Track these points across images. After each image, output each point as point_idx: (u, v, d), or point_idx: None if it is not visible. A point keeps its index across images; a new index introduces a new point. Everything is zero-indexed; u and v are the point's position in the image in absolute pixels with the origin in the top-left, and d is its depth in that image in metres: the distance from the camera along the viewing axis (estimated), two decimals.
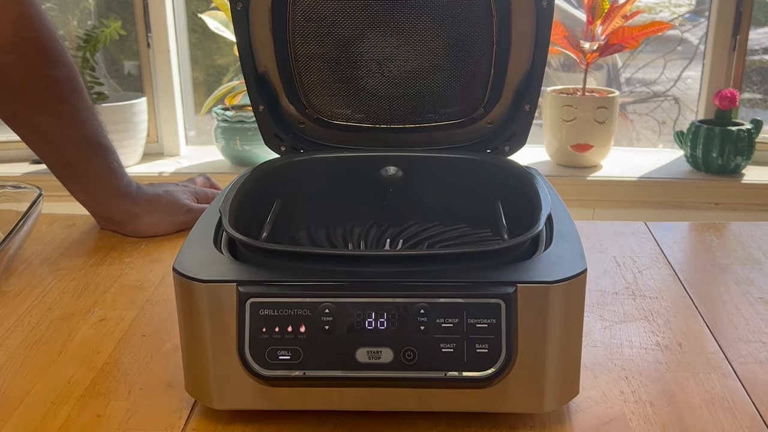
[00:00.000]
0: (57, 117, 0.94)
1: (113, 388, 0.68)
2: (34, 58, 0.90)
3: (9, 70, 0.89)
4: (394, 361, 0.57)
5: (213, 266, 0.60)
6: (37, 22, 0.89)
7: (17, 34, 0.88)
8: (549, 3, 0.78)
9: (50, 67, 0.91)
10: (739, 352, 0.74)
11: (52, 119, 0.94)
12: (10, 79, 0.90)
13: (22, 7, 0.88)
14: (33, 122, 0.94)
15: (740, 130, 1.96)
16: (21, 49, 0.88)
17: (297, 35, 0.81)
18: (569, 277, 0.58)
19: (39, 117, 0.93)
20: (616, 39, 1.96)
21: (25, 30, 0.88)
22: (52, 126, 0.94)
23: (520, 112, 0.85)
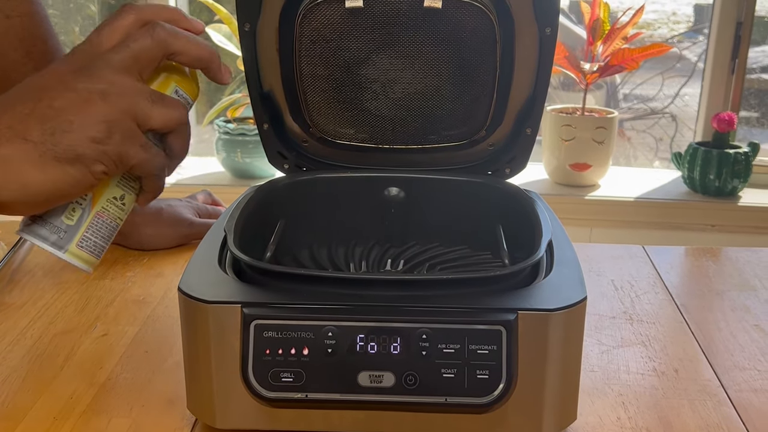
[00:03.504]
0: None
1: (115, 404, 0.68)
2: (40, 56, 0.91)
3: (17, 67, 0.90)
4: (396, 385, 0.57)
5: (218, 287, 0.61)
6: (45, 22, 0.91)
7: (26, 31, 0.89)
8: (552, 30, 0.80)
9: None
10: (734, 380, 0.74)
11: None
12: (17, 75, 0.90)
13: (32, 5, 0.89)
14: None
15: (737, 152, 1.98)
16: (28, 46, 0.89)
17: (303, 56, 0.82)
18: (569, 305, 0.59)
19: None
20: (616, 60, 1.98)
21: (34, 27, 0.90)
22: None
23: (522, 136, 0.86)
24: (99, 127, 0.51)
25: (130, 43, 0.54)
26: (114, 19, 0.56)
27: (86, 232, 0.53)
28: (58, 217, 0.53)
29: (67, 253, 0.52)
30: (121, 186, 0.55)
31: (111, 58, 0.53)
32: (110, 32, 0.55)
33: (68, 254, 0.52)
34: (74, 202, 0.53)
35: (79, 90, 0.51)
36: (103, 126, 0.51)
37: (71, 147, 0.50)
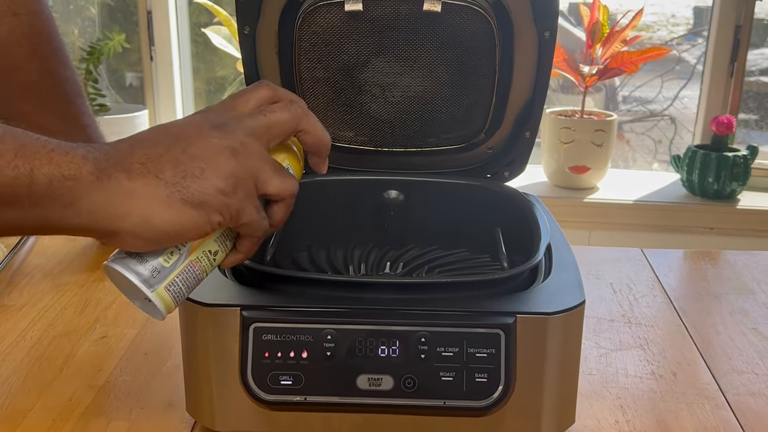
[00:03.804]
0: (64, 118, 0.95)
1: (114, 406, 0.68)
2: (46, 53, 0.92)
3: (22, 65, 0.90)
4: (395, 388, 0.58)
5: (217, 290, 0.61)
6: (50, 20, 0.92)
7: (32, 28, 0.90)
8: (551, 33, 0.80)
9: (60, 66, 0.93)
10: (732, 383, 0.75)
11: (59, 120, 0.95)
12: (22, 75, 0.91)
13: (39, 4, 0.90)
14: (42, 124, 0.95)
15: (736, 156, 1.98)
16: (34, 44, 0.90)
17: (303, 59, 0.83)
18: (568, 309, 0.59)
19: (48, 118, 0.94)
20: (616, 63, 1.98)
21: (40, 25, 0.90)
22: (59, 128, 0.95)
23: (521, 139, 0.86)
24: (227, 181, 0.53)
25: (267, 112, 0.57)
26: (250, 90, 0.59)
27: (177, 277, 0.54)
28: (156, 258, 0.53)
29: (155, 292, 0.53)
30: (218, 242, 0.56)
31: (246, 122, 0.56)
32: (245, 100, 0.58)
33: (155, 294, 0.53)
34: (174, 247, 0.54)
35: (213, 142, 0.54)
36: (231, 180, 0.53)
37: (199, 192, 0.52)
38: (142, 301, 0.55)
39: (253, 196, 0.55)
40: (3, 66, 0.90)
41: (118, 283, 0.55)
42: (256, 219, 0.55)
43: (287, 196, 0.57)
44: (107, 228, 0.50)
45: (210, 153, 0.53)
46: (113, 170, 0.50)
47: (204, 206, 0.52)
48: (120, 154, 0.51)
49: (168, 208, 0.51)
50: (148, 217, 0.50)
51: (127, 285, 0.54)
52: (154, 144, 0.53)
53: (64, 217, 0.49)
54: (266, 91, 0.59)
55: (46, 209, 0.49)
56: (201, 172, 0.52)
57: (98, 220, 0.50)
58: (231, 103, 0.58)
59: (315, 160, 0.63)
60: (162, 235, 0.51)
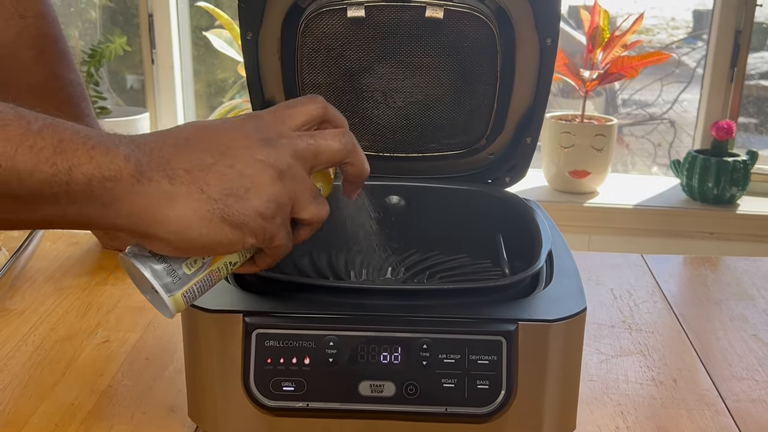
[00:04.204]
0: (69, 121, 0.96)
1: (116, 411, 0.69)
2: (52, 55, 0.92)
3: (29, 67, 0.91)
4: (396, 395, 0.58)
5: (220, 296, 0.61)
6: (56, 23, 0.93)
7: (39, 30, 0.90)
8: (553, 40, 0.80)
9: (65, 68, 0.94)
10: (732, 390, 0.75)
11: None
12: (29, 76, 0.92)
13: (45, 6, 0.91)
14: None
15: (736, 161, 1.99)
16: (41, 45, 0.91)
17: (305, 65, 0.83)
18: (569, 316, 0.59)
19: None
20: (616, 68, 1.98)
21: (46, 27, 0.91)
22: None
23: (522, 145, 0.87)
24: (269, 206, 0.52)
25: (318, 138, 0.56)
26: (302, 103, 0.58)
27: (195, 285, 0.54)
28: (179, 263, 0.53)
29: (172, 298, 0.53)
30: (240, 254, 0.56)
31: (296, 144, 0.55)
32: (295, 114, 0.57)
33: (172, 299, 0.53)
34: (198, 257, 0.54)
35: (261, 160, 0.53)
36: (273, 205, 0.53)
37: (240, 214, 0.51)
38: (153, 297, 0.54)
39: (287, 221, 0.55)
40: (9, 68, 0.90)
41: (132, 274, 0.55)
42: (285, 244, 0.55)
43: (318, 222, 0.57)
44: (144, 231, 0.50)
45: (256, 172, 0.52)
46: (155, 173, 0.49)
47: (242, 227, 0.51)
48: (164, 155, 0.51)
49: (208, 223, 0.50)
50: (186, 229, 0.50)
51: (143, 281, 0.54)
52: (201, 150, 0.52)
53: (103, 216, 0.49)
54: (318, 109, 0.58)
55: (84, 207, 0.48)
56: (245, 191, 0.51)
57: (136, 223, 0.49)
58: (282, 114, 0.57)
59: (350, 188, 0.62)
60: (194, 247, 0.51)
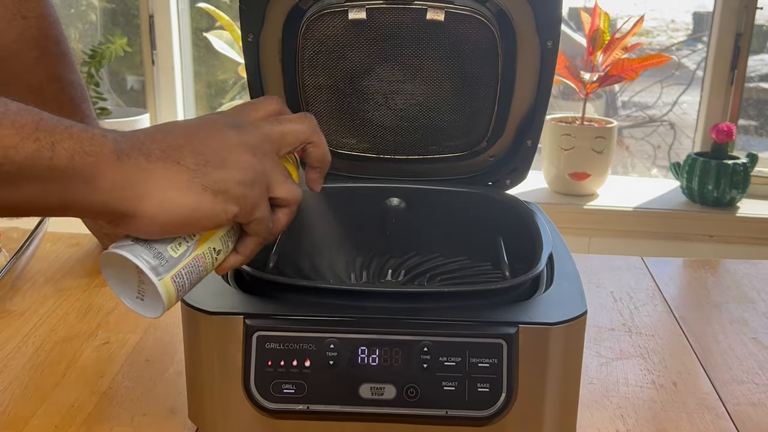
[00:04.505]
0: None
1: (117, 413, 0.69)
2: (53, 57, 0.92)
3: (30, 68, 0.91)
4: (397, 397, 0.58)
5: (220, 298, 0.61)
6: (58, 24, 0.93)
7: (41, 31, 0.90)
8: (554, 43, 0.80)
9: (66, 70, 0.94)
10: (732, 393, 0.75)
11: None
12: (30, 77, 0.92)
13: (47, 7, 0.92)
14: None
15: (736, 163, 1.98)
16: (43, 47, 0.91)
17: (306, 66, 0.83)
18: (570, 319, 0.59)
19: None
20: (616, 70, 1.98)
21: (48, 28, 0.91)
22: None
23: (522, 147, 0.87)
24: (247, 174, 0.54)
25: (283, 120, 0.59)
26: (259, 101, 0.61)
27: (183, 269, 0.54)
28: (164, 246, 0.53)
29: (162, 281, 0.52)
30: (222, 241, 0.57)
31: (262, 126, 0.58)
32: (255, 109, 0.60)
33: (162, 283, 0.52)
34: (182, 238, 0.54)
35: (232, 139, 0.55)
36: (250, 173, 0.54)
37: (220, 180, 0.52)
38: (136, 297, 0.54)
39: (266, 195, 0.56)
40: (11, 69, 0.90)
41: (114, 274, 0.54)
42: (266, 217, 0.56)
43: (293, 202, 0.58)
44: (125, 208, 0.50)
45: (230, 147, 0.54)
46: (132, 152, 0.50)
47: (223, 194, 0.52)
48: (138, 139, 0.51)
49: (187, 192, 0.51)
50: (167, 200, 0.51)
51: (126, 276, 0.53)
52: (172, 135, 0.53)
53: (84, 194, 0.49)
54: (275, 105, 0.60)
55: (66, 185, 0.48)
56: (222, 162, 0.53)
57: (117, 199, 0.49)
58: (242, 109, 0.59)
59: (314, 175, 0.64)
60: (178, 220, 0.51)
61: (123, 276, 0.53)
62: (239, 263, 0.58)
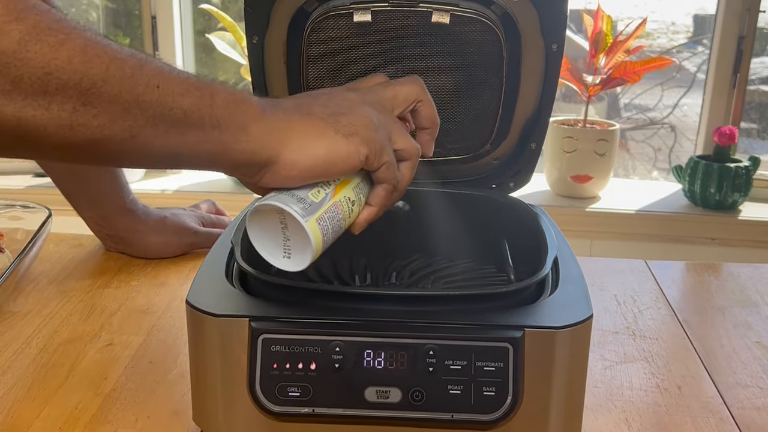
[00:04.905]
0: None
1: (121, 415, 0.68)
2: None
3: None
4: (402, 401, 0.58)
5: (225, 300, 0.61)
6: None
7: None
8: (559, 46, 0.80)
9: None
10: (736, 397, 0.75)
11: None
12: None
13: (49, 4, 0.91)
14: None
15: (738, 166, 1.98)
16: None
17: (310, 69, 0.83)
18: (576, 323, 0.59)
19: None
20: (618, 73, 1.98)
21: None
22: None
23: (526, 150, 0.87)
24: (372, 118, 0.60)
25: (394, 83, 0.66)
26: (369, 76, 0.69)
27: (325, 213, 0.58)
28: (306, 192, 0.58)
29: (309, 223, 0.56)
30: (355, 192, 0.61)
31: (376, 89, 0.64)
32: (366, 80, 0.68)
33: (309, 224, 0.56)
34: (320, 185, 0.58)
35: (352, 96, 0.62)
36: (376, 120, 0.60)
37: (350, 124, 0.58)
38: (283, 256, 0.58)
39: (390, 143, 0.61)
40: None
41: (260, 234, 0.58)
42: (392, 162, 0.61)
43: (413, 155, 0.63)
44: (270, 154, 0.55)
45: (352, 102, 0.60)
46: (272, 107, 0.57)
47: (354, 136, 0.57)
48: (273, 99, 0.58)
49: (322, 137, 0.57)
50: (306, 146, 0.56)
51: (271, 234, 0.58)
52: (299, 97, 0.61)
53: (237, 141, 0.54)
54: (383, 77, 0.68)
55: (223, 132, 0.53)
56: (348, 111, 0.59)
57: (265, 145, 0.55)
58: (354, 82, 0.68)
59: (426, 137, 0.69)
60: (316, 163, 0.57)
61: (268, 234, 0.58)
62: (374, 215, 0.63)
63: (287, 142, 0.56)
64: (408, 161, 0.63)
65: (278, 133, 0.56)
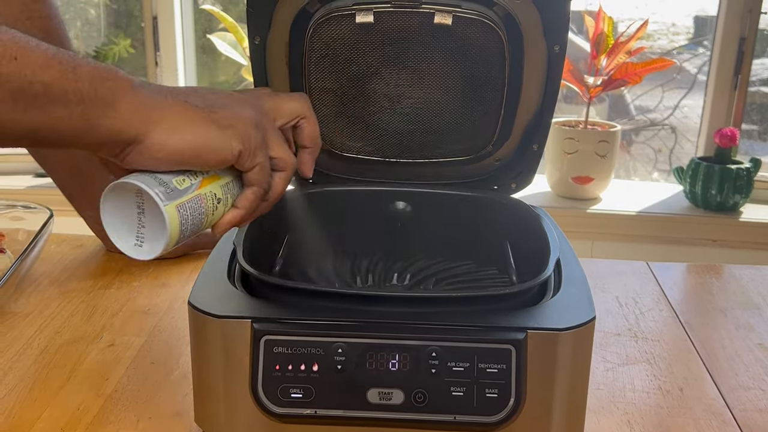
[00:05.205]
0: None
1: (122, 416, 0.68)
2: None
3: None
4: (405, 402, 0.58)
5: (228, 301, 0.61)
6: (62, 25, 0.94)
7: (45, 32, 0.91)
8: (561, 48, 0.80)
9: None
10: (738, 399, 0.75)
11: None
12: None
13: (51, 9, 0.92)
14: None
15: (739, 168, 1.98)
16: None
17: (312, 70, 0.83)
18: (579, 325, 0.59)
19: None
20: (620, 74, 1.98)
21: (52, 30, 0.92)
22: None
23: (528, 151, 0.86)
24: (251, 119, 0.58)
25: (280, 95, 0.66)
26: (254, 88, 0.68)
27: (187, 202, 0.56)
28: (170, 177, 0.55)
29: (167, 207, 0.54)
30: (224, 191, 0.59)
31: (262, 96, 0.63)
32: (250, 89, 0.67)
33: (168, 209, 0.54)
34: (187, 174, 0.56)
35: (234, 95, 0.60)
36: (254, 119, 0.59)
37: (226, 118, 0.57)
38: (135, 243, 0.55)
39: (265, 147, 0.59)
40: None
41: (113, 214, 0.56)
42: (266, 166, 0.59)
43: (289, 166, 0.62)
44: (137, 132, 0.53)
45: (233, 100, 0.59)
46: (145, 85, 0.54)
47: (230, 129, 0.56)
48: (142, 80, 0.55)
49: (196, 123, 0.55)
50: (177, 128, 0.54)
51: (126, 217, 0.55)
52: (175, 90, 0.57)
53: (104, 116, 0.52)
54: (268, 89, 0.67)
55: (88, 107, 0.51)
56: (227, 105, 0.57)
57: (133, 122, 0.53)
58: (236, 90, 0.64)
59: (306, 157, 0.68)
60: (185, 147, 0.55)
61: (123, 217, 0.55)
62: (238, 218, 0.61)
63: (158, 120, 0.53)
64: (283, 172, 0.62)
65: (149, 111, 0.53)
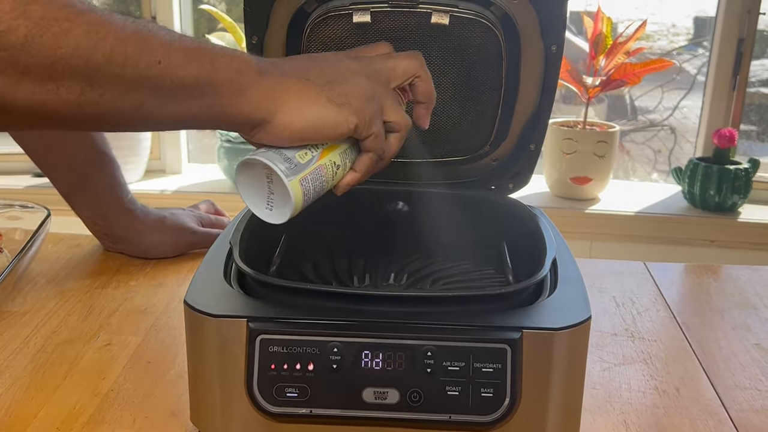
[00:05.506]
0: None
1: (118, 415, 0.68)
2: None
3: None
4: (400, 402, 0.58)
5: (223, 301, 0.61)
6: None
7: None
8: (558, 47, 0.80)
9: None
10: (735, 399, 0.75)
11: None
12: None
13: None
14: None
15: (738, 169, 1.99)
16: None
17: None
18: (574, 324, 0.59)
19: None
20: (619, 75, 1.98)
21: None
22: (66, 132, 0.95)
23: (526, 151, 0.87)
24: (366, 92, 0.62)
25: (394, 56, 0.68)
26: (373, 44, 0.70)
27: (309, 175, 0.61)
28: (294, 152, 0.60)
29: (291, 182, 0.59)
30: (341, 157, 0.64)
31: (376, 60, 0.67)
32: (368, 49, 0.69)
33: (292, 184, 0.59)
34: (308, 147, 0.61)
35: (352, 66, 0.64)
36: (370, 92, 0.62)
37: (343, 94, 0.61)
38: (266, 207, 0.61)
39: (380, 115, 0.64)
40: None
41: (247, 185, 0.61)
42: (381, 134, 0.64)
43: (403, 127, 0.66)
44: (264, 115, 0.58)
45: (349, 71, 0.62)
46: (270, 69, 0.59)
47: (346, 107, 0.60)
48: (273, 60, 0.61)
49: (315, 103, 0.59)
50: (299, 109, 0.59)
51: (257, 186, 0.61)
52: (300, 59, 0.64)
53: (235, 105, 0.57)
54: (387, 48, 0.70)
55: (223, 97, 0.56)
56: (344, 80, 0.61)
57: (261, 107, 0.58)
58: (358, 49, 0.69)
59: (421, 111, 0.71)
60: (307, 127, 0.59)
61: (254, 186, 0.61)
62: (356, 180, 0.66)
63: (282, 104, 0.58)
64: (397, 133, 0.66)
65: (274, 95, 0.58)
